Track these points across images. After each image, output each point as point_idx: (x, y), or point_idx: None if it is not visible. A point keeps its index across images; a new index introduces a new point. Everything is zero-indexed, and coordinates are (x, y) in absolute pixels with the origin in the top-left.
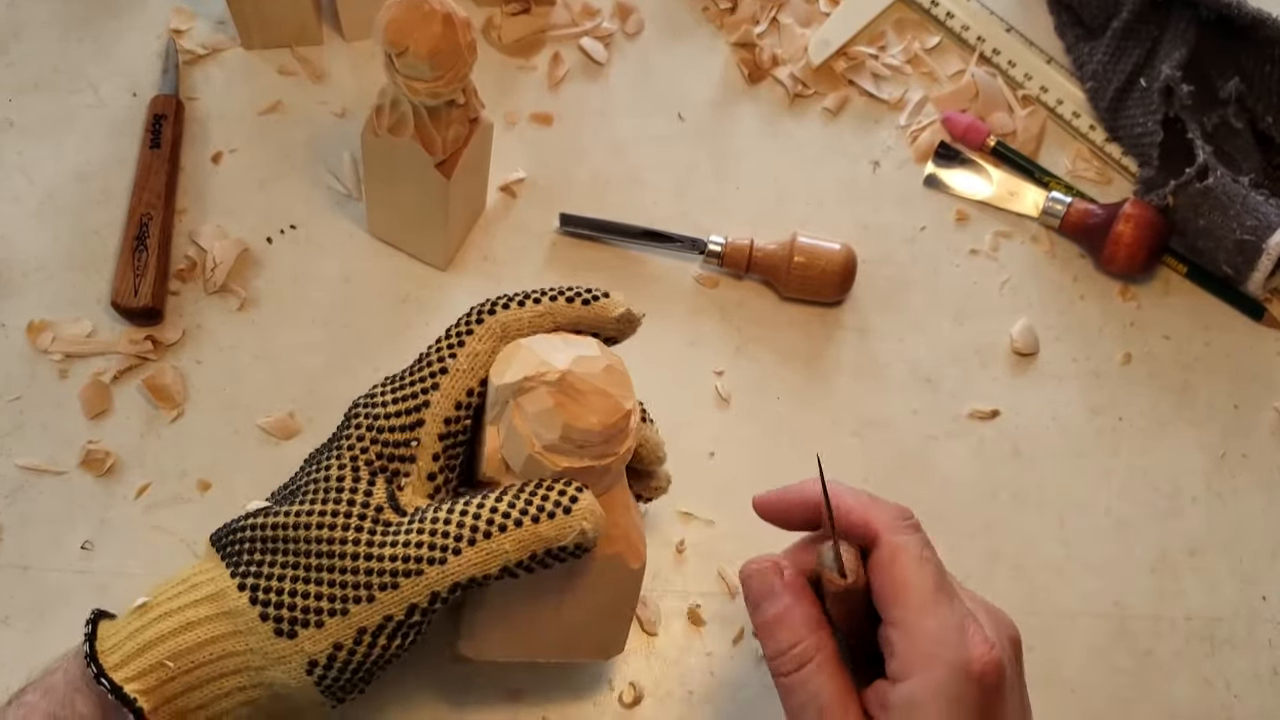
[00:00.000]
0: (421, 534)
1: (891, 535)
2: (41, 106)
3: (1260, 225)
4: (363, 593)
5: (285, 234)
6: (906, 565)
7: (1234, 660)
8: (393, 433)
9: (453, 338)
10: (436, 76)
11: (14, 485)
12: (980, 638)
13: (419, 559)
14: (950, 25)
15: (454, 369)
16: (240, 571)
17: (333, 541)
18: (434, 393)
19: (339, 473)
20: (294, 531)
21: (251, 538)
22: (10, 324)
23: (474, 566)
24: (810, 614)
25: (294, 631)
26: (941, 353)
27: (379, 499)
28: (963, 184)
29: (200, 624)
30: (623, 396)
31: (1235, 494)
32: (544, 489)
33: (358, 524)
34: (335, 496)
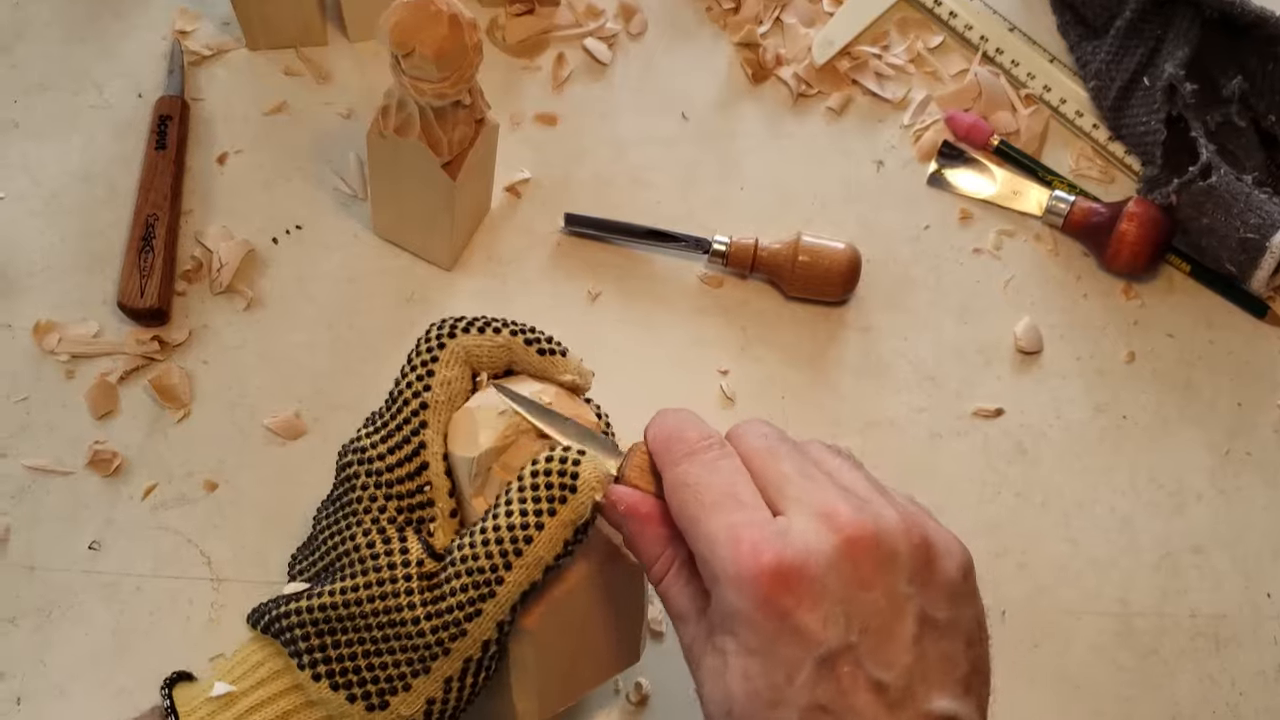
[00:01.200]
0: (461, 576)
1: (667, 470)
2: (46, 107)
3: (1263, 223)
4: (437, 649)
5: (291, 234)
6: (676, 495)
7: (1238, 658)
8: (401, 484)
9: (420, 368)
10: (443, 77)
11: (21, 485)
12: (749, 545)
13: (472, 600)
14: (953, 25)
15: (433, 402)
16: (307, 661)
17: (389, 610)
18: (425, 431)
19: (366, 539)
20: (346, 609)
21: (301, 622)
22: (16, 325)
23: (520, 586)
24: (654, 532)
25: (385, 702)
26: (945, 351)
27: (416, 554)
28: (966, 183)
29: (295, 713)
30: (586, 411)
31: (1239, 492)
32: (543, 475)
33: (407, 587)
34: (375, 565)
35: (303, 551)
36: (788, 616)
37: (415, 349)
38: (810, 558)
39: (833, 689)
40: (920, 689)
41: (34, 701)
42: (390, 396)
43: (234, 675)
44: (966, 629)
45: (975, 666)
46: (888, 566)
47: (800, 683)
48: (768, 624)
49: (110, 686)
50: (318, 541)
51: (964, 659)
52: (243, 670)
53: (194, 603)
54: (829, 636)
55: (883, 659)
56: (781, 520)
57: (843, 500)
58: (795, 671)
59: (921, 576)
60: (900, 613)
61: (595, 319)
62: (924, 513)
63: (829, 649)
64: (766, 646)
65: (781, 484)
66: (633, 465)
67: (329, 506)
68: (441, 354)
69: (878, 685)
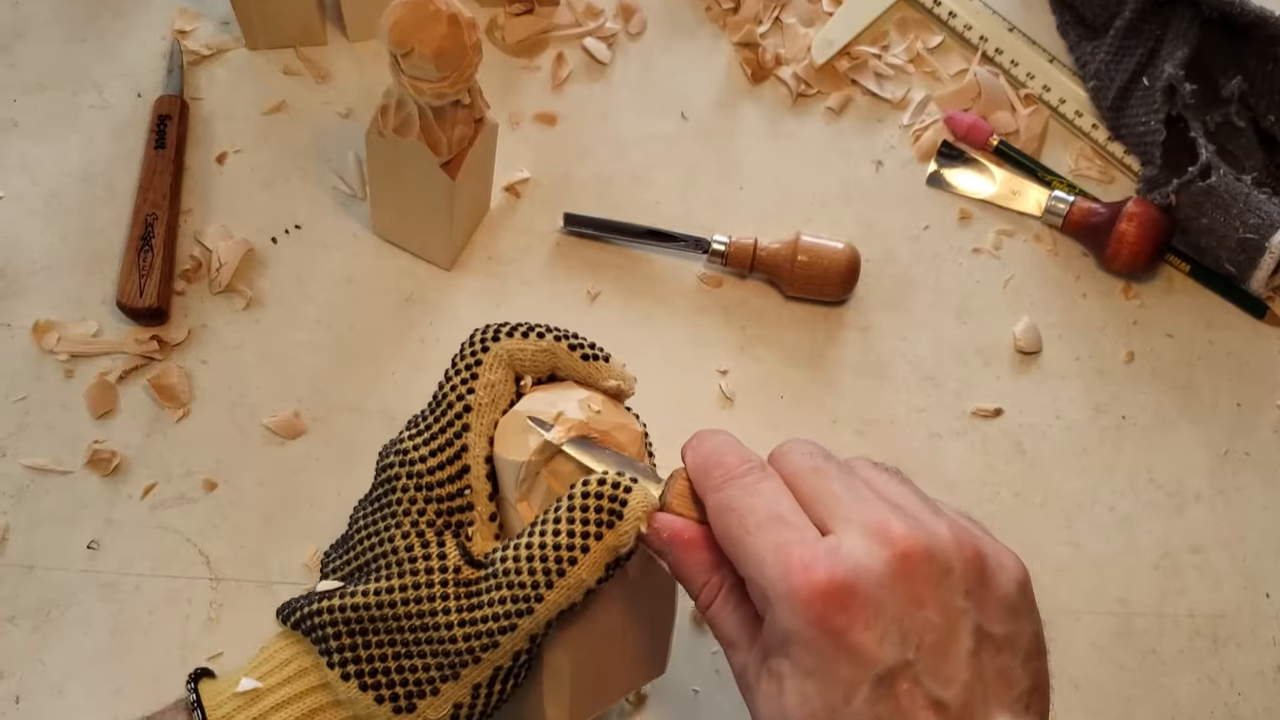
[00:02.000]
0: (502, 589)
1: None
2: (46, 107)
3: (1263, 224)
4: (467, 657)
5: (290, 234)
6: (719, 520)
7: (1237, 657)
8: (442, 487)
9: (464, 371)
10: (442, 77)
11: (20, 485)
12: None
13: (508, 614)
14: (953, 25)
15: (477, 405)
16: (337, 660)
17: (423, 615)
18: (467, 434)
19: (405, 542)
20: (380, 610)
21: (333, 621)
22: (16, 324)
23: (558, 606)
24: (700, 558)
25: (413, 705)
26: (944, 351)
27: (454, 559)
28: (966, 183)
29: (321, 711)
30: (630, 420)
31: (1238, 491)
32: (593, 498)
33: (443, 592)
34: (412, 569)
35: (338, 550)
36: (843, 635)
37: (459, 353)
38: (862, 575)
39: (891, 708)
40: (979, 707)
41: (32, 700)
42: (434, 399)
43: (261, 671)
44: (1025, 644)
45: (1035, 683)
46: (941, 582)
47: (858, 703)
48: (822, 643)
49: (109, 686)
50: (354, 541)
51: (1023, 675)
52: (270, 667)
53: (193, 602)
54: (885, 655)
55: (941, 676)
56: (831, 539)
57: (893, 516)
58: (853, 692)
59: (976, 591)
60: (956, 628)
61: (595, 319)
62: (977, 527)
63: (886, 667)
64: (823, 667)
65: (829, 503)
66: (675, 492)
67: (367, 506)
68: (485, 358)
69: (937, 703)
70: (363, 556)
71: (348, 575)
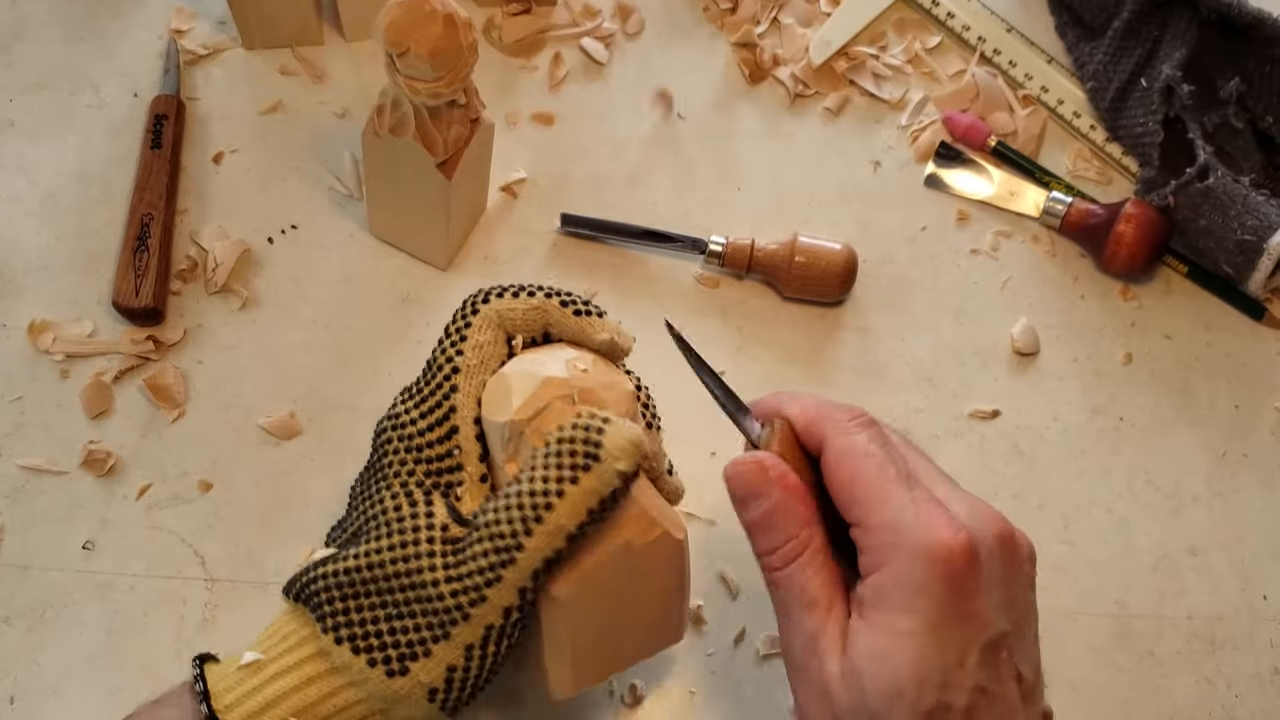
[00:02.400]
0: (483, 542)
1: (836, 437)
2: (42, 107)
3: (1261, 225)
4: (457, 614)
5: (286, 234)
6: (854, 462)
7: (1235, 660)
8: (430, 448)
9: (453, 335)
10: (438, 77)
11: (15, 485)
12: (944, 522)
13: (492, 567)
14: (951, 25)
15: (464, 366)
16: (330, 625)
17: (411, 574)
18: (455, 395)
19: (394, 503)
20: (369, 572)
21: (327, 587)
22: (11, 324)
23: (541, 552)
24: (798, 510)
25: (405, 668)
26: (942, 352)
27: (441, 518)
28: (963, 184)
29: (319, 679)
30: (621, 380)
31: (1236, 493)
32: (568, 442)
33: (429, 550)
34: (400, 528)
35: (339, 523)
36: (970, 599)
37: (451, 318)
38: (981, 544)
39: (991, 675)
40: (1039, 687)
41: (27, 701)
42: (426, 365)
43: (264, 645)
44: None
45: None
46: (1024, 567)
47: (970, 666)
48: (951, 602)
49: (104, 686)
50: (352, 509)
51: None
52: (273, 640)
53: (188, 603)
54: (995, 622)
55: (1022, 652)
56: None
57: (981, 500)
58: (966, 654)
59: (1032, 575)
60: (1030, 611)
61: None
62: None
63: (995, 634)
64: (945, 625)
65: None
66: (777, 439)
67: (362, 474)
68: (475, 319)
69: (1019, 677)
70: (356, 523)
71: (344, 543)
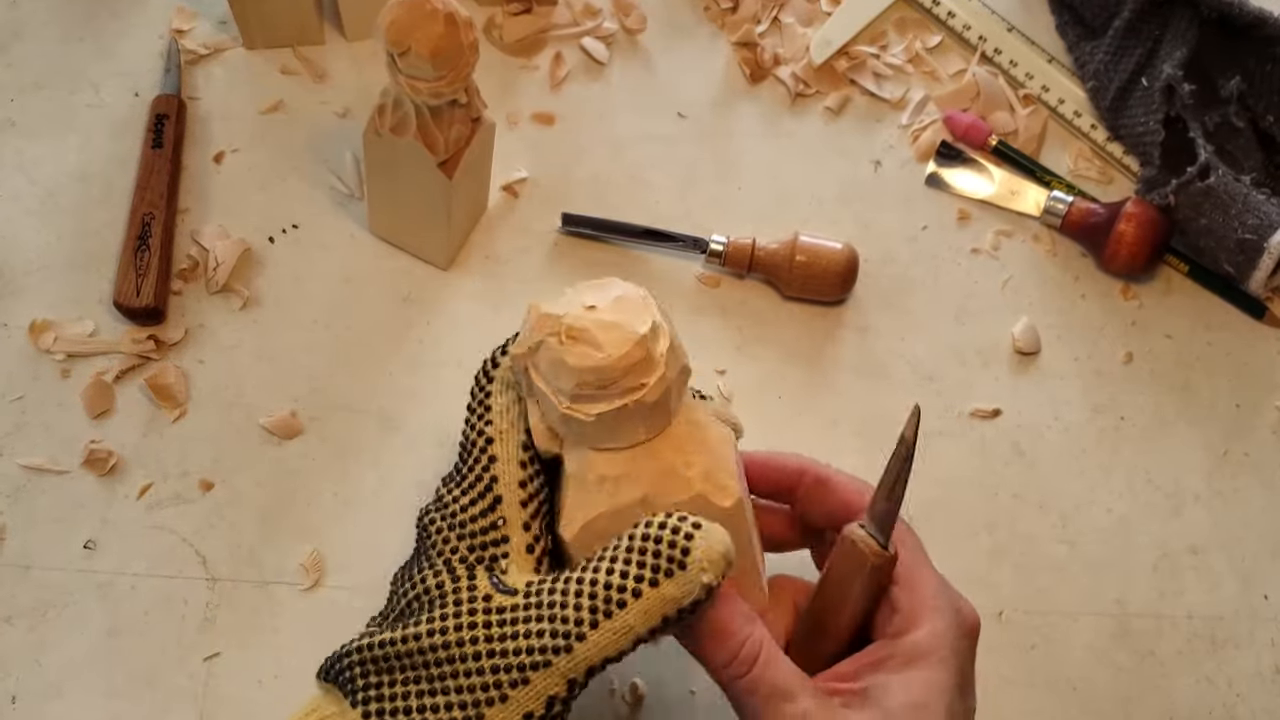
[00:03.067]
0: (540, 621)
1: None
2: (43, 106)
3: (1262, 224)
4: (494, 693)
5: (287, 233)
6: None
7: (1235, 659)
8: (474, 522)
9: (478, 408)
10: (439, 76)
11: (16, 485)
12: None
13: (544, 649)
14: (951, 24)
15: (496, 435)
16: (360, 699)
17: (449, 646)
18: (495, 465)
19: (436, 579)
20: (405, 645)
21: (361, 661)
22: (12, 324)
23: (602, 649)
24: (741, 609)
25: None
26: (943, 352)
27: (484, 589)
28: (964, 183)
29: None
30: (635, 323)
31: (1236, 493)
32: (654, 541)
33: (470, 621)
34: (441, 602)
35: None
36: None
37: (471, 392)
38: None
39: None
40: None
41: (29, 701)
42: (460, 446)
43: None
44: None
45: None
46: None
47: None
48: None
49: (105, 686)
50: (392, 598)
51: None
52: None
53: (189, 602)
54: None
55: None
56: None
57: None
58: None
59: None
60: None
61: None
62: None
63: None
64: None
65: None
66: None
67: (406, 564)
68: (492, 386)
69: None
70: (397, 607)
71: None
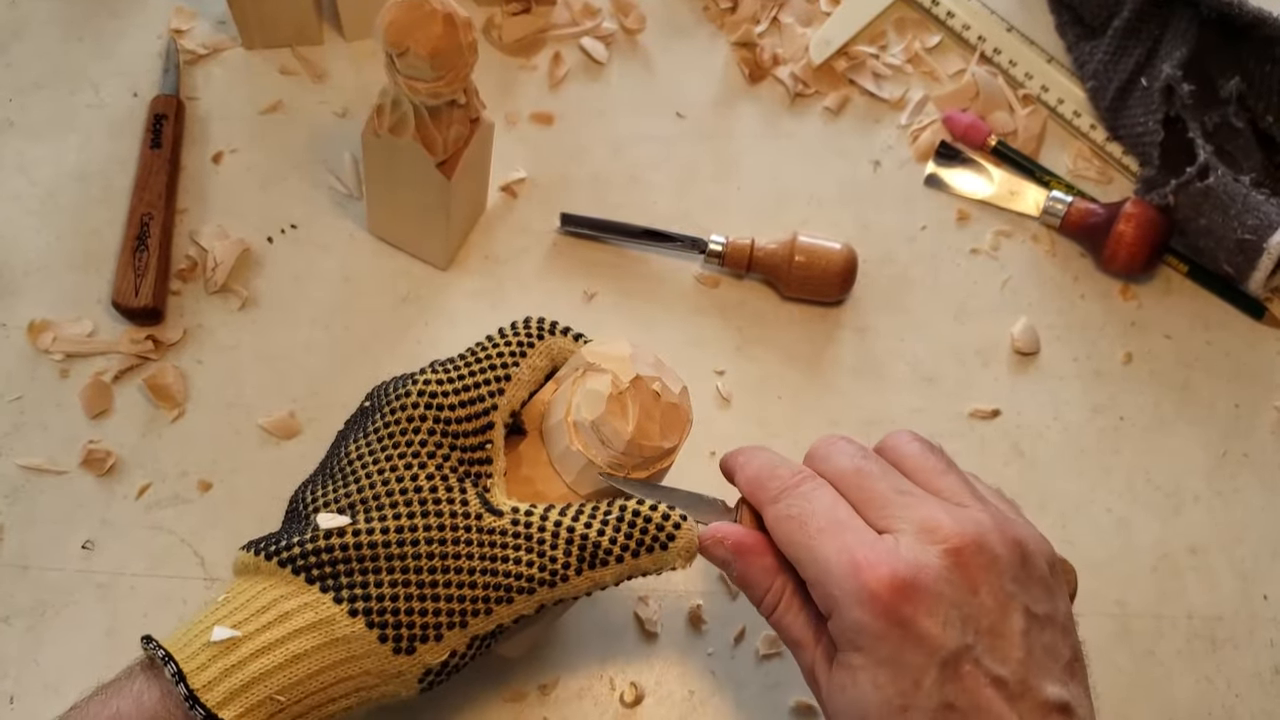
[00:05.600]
0: (530, 553)
1: (766, 509)
2: (42, 106)
3: (1261, 224)
4: (480, 606)
5: (286, 234)
6: (779, 527)
7: (1235, 659)
8: (468, 437)
9: (514, 345)
10: (437, 77)
11: (15, 485)
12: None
13: (530, 578)
14: (951, 24)
15: (517, 378)
16: (346, 596)
17: (445, 556)
18: (499, 397)
19: (430, 483)
20: (399, 548)
21: (346, 558)
22: (11, 324)
23: (578, 589)
24: (762, 564)
25: (413, 647)
26: (942, 352)
27: (475, 506)
28: (963, 183)
29: (309, 655)
30: (664, 436)
31: (1236, 493)
32: (644, 519)
33: (466, 537)
34: (436, 509)
35: (327, 483)
36: (910, 625)
37: (513, 329)
38: (922, 569)
39: (958, 688)
40: (1034, 680)
41: (27, 700)
42: (472, 355)
43: (237, 618)
44: (1063, 619)
45: (1075, 653)
46: (991, 569)
47: (928, 686)
48: (891, 634)
49: None
50: (353, 474)
51: (1065, 647)
52: (247, 612)
53: (187, 603)
54: (949, 639)
55: (999, 655)
56: (889, 538)
57: (941, 512)
58: (922, 676)
59: (1020, 575)
60: (1007, 611)
61: (591, 319)
62: (1012, 508)
63: (950, 651)
64: (894, 656)
65: (880, 503)
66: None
67: (364, 438)
68: (539, 344)
69: (997, 680)
70: (368, 491)
71: (345, 510)
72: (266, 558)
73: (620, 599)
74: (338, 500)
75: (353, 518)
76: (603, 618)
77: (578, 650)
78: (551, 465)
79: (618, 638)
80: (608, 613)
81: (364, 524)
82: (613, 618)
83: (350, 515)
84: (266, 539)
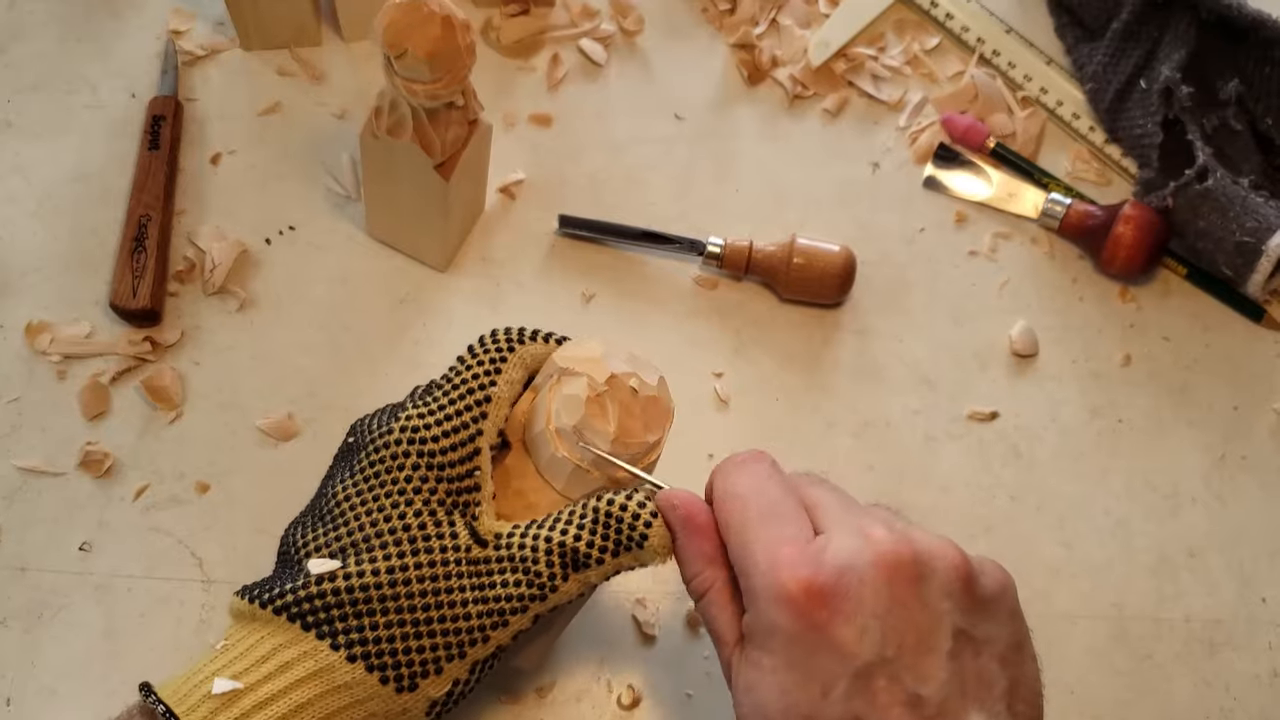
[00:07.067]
0: (516, 572)
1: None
2: (40, 107)
3: (1260, 227)
4: (477, 635)
5: (284, 235)
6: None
7: (1233, 662)
8: (453, 467)
9: (488, 364)
10: (435, 78)
11: (12, 486)
12: (793, 562)
13: (521, 597)
14: (950, 26)
15: (497, 398)
16: (344, 641)
17: (437, 593)
18: (483, 422)
19: (418, 520)
20: (392, 589)
21: (340, 602)
22: (8, 325)
23: (569, 594)
24: (702, 548)
25: (415, 684)
26: (941, 354)
27: (464, 539)
28: (962, 185)
29: (313, 703)
30: (648, 430)
31: (1234, 495)
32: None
33: (456, 571)
34: (426, 547)
35: (317, 526)
36: (823, 630)
37: (482, 345)
38: (846, 573)
39: (867, 703)
40: (956, 704)
41: (24, 703)
42: (449, 383)
43: (236, 668)
44: (1003, 647)
45: (1014, 684)
46: (924, 583)
47: (835, 696)
48: (804, 638)
49: (101, 688)
50: (344, 518)
51: (1001, 675)
52: (247, 663)
53: (185, 604)
54: (864, 651)
55: (919, 673)
56: (821, 539)
57: (880, 523)
58: (831, 685)
59: (958, 595)
60: (936, 628)
61: (589, 321)
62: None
63: (864, 662)
64: (803, 660)
65: (826, 506)
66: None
67: (351, 479)
68: (511, 358)
69: (914, 699)
70: (357, 534)
71: (336, 553)
72: (262, 605)
73: (618, 601)
74: (328, 544)
75: (343, 561)
76: (600, 620)
77: (575, 653)
78: (540, 475)
79: (615, 640)
80: (605, 615)
81: (354, 567)
82: (610, 620)
83: (341, 558)
84: (260, 585)
